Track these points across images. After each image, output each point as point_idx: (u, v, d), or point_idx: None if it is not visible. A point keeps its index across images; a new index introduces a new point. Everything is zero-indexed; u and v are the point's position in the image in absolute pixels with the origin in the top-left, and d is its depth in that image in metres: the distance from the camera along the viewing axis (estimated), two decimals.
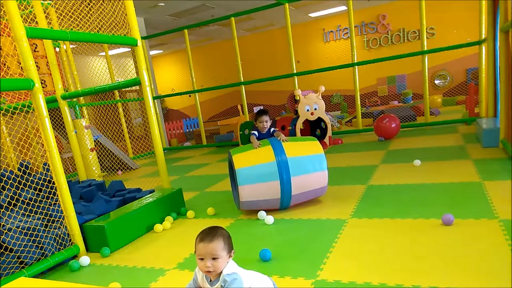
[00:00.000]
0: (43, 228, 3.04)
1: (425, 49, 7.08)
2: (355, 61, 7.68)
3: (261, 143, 3.55)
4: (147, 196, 3.95)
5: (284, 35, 8.84)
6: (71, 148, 5.12)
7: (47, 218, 3.14)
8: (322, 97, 6.60)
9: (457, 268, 2.10)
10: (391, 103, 11.32)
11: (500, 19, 4.75)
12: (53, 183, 3.23)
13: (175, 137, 11.52)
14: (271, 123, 4.03)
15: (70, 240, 3.13)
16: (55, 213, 3.16)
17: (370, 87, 12.56)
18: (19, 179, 3.41)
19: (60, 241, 3.04)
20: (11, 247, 2.74)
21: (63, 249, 3.04)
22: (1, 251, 2.75)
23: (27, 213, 3.18)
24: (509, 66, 4.42)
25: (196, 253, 1.62)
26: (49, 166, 3.07)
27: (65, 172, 3.68)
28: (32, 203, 3.23)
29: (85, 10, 4.01)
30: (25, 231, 2.88)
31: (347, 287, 2.08)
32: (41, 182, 3.44)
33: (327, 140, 6.84)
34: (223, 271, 1.60)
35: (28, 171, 3.65)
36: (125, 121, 9.06)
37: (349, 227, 2.94)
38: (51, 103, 5.06)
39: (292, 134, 6.82)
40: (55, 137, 3.34)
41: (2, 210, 3.14)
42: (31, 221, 3.02)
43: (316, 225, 3.12)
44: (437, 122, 7.46)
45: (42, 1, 4.60)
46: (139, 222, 3.49)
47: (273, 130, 3.94)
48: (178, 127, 12.01)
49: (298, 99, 6.78)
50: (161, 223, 3.59)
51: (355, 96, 7.87)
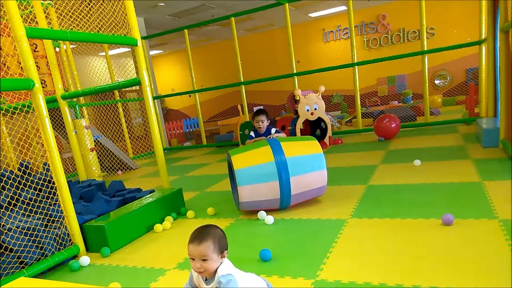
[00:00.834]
0: (43, 228, 3.04)
1: (425, 49, 7.08)
2: (355, 61, 7.68)
3: (256, 140, 3.55)
4: (147, 196, 3.95)
5: (284, 35, 8.84)
6: (71, 148, 5.13)
7: (47, 218, 3.14)
8: (322, 97, 6.59)
9: (457, 268, 2.10)
10: (391, 103, 11.32)
11: (500, 19, 4.75)
12: (53, 183, 3.23)
13: (175, 137, 11.52)
14: (271, 123, 4.03)
15: (70, 240, 3.13)
16: (55, 213, 3.16)
17: (370, 87, 12.56)
18: (19, 179, 3.41)
19: (60, 241, 3.04)
20: (11, 247, 2.74)
21: (63, 249, 3.04)
22: (1, 251, 2.75)
23: (27, 213, 3.18)
24: (509, 66, 4.41)
25: (188, 253, 1.62)
26: (49, 166, 3.07)
27: (65, 172, 3.68)
28: (32, 203, 3.23)
29: (85, 10, 4.01)
30: (25, 231, 2.88)
31: (347, 287, 2.08)
32: (41, 182, 3.44)
33: (327, 140, 6.84)
34: (218, 271, 1.59)
35: (28, 171, 3.65)
36: (125, 121, 9.06)
37: (349, 227, 2.94)
38: (51, 103, 5.06)
39: (292, 134, 6.82)
40: (55, 137, 3.34)
41: (2, 210, 3.14)
42: (31, 221, 3.03)
43: (316, 225, 3.12)
44: (437, 122, 7.46)
45: (42, 1, 4.60)
46: (139, 222, 3.49)
47: (275, 130, 3.94)
48: (178, 127, 12.01)
49: (298, 99, 6.78)
50: (161, 223, 3.59)
51: (355, 96, 7.87)
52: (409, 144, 6.10)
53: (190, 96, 14.41)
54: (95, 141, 6.49)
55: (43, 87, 5.46)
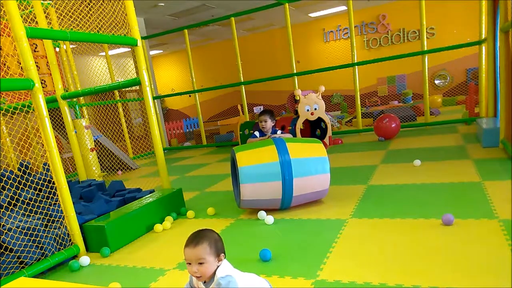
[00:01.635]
0: (43, 228, 3.04)
1: (425, 49, 7.08)
2: (355, 61, 7.68)
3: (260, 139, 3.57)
4: (147, 196, 3.95)
5: (284, 35, 8.85)
6: (71, 148, 5.12)
7: (47, 218, 3.14)
8: (322, 97, 6.59)
9: (457, 268, 2.10)
10: (391, 103, 11.32)
11: (500, 19, 4.75)
12: (53, 183, 3.22)
13: (175, 137, 11.52)
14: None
15: (70, 240, 3.13)
16: (55, 213, 3.16)
17: (370, 87, 12.56)
18: (19, 179, 3.41)
19: (60, 241, 3.04)
20: (11, 247, 2.74)
21: (63, 249, 3.04)
22: (1, 251, 2.75)
23: (27, 213, 3.18)
24: (509, 66, 4.41)
25: (184, 258, 1.61)
26: (49, 166, 3.07)
27: (65, 172, 3.68)
28: (32, 203, 3.23)
29: (85, 10, 4.01)
30: (25, 231, 2.88)
31: (347, 287, 2.08)
32: (41, 182, 3.44)
33: (327, 140, 6.84)
34: (216, 273, 1.58)
35: (28, 171, 3.65)
36: (125, 121, 9.06)
37: (349, 227, 2.94)
38: (51, 103, 5.06)
39: (292, 134, 6.82)
40: (55, 137, 3.34)
41: (2, 210, 3.14)
42: (31, 221, 3.03)
43: (316, 225, 3.12)
44: (437, 122, 7.46)
45: (42, 1, 4.60)
46: (139, 222, 3.49)
47: (281, 132, 3.95)
48: (178, 127, 12.01)
49: (298, 99, 6.78)
50: (161, 223, 3.59)
51: (355, 96, 7.86)
52: (409, 144, 6.10)
53: (190, 96, 14.42)
54: (95, 141, 6.49)
55: (43, 87, 5.46)
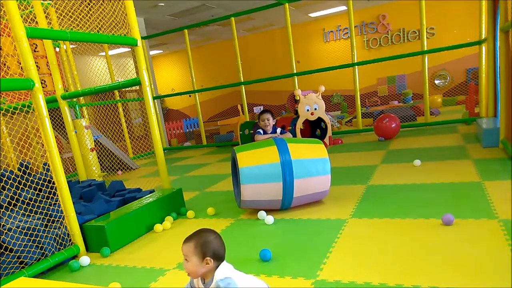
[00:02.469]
0: (43, 228, 3.04)
1: (425, 49, 7.08)
2: (355, 61, 7.68)
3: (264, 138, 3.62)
4: (147, 196, 3.95)
5: (284, 35, 8.85)
6: (71, 148, 5.12)
7: (47, 218, 3.14)
8: (322, 97, 6.59)
9: (457, 268, 2.10)
10: (391, 103, 11.31)
11: (500, 19, 4.75)
12: (53, 183, 3.22)
13: (175, 137, 11.51)
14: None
15: (70, 240, 3.13)
16: (55, 213, 3.16)
17: (370, 87, 12.56)
18: (19, 179, 3.41)
19: (60, 241, 3.04)
20: (11, 247, 2.74)
21: (63, 249, 3.04)
22: (1, 251, 2.75)
23: (27, 213, 3.18)
24: (509, 66, 4.41)
25: None
26: (49, 166, 3.07)
27: (65, 172, 3.67)
28: (32, 203, 3.23)
29: (85, 10, 4.01)
30: (25, 231, 2.88)
31: (347, 287, 2.08)
32: (41, 182, 3.43)
33: (327, 140, 6.84)
34: (215, 275, 1.58)
35: (28, 171, 3.65)
36: (125, 121, 9.06)
37: (349, 227, 2.94)
38: (51, 103, 5.06)
39: (292, 134, 6.81)
40: (55, 137, 3.34)
41: (2, 210, 3.14)
42: (31, 221, 3.03)
43: (316, 225, 3.12)
44: (437, 122, 7.46)
45: (42, 1, 4.60)
46: (139, 222, 3.49)
47: (280, 130, 4.00)
48: (178, 127, 12.00)
49: (298, 99, 6.78)
50: (161, 223, 3.59)
51: (355, 96, 7.86)
52: (409, 144, 6.10)
53: (190, 96, 14.41)
54: (95, 141, 6.49)
55: (43, 87, 5.46)
